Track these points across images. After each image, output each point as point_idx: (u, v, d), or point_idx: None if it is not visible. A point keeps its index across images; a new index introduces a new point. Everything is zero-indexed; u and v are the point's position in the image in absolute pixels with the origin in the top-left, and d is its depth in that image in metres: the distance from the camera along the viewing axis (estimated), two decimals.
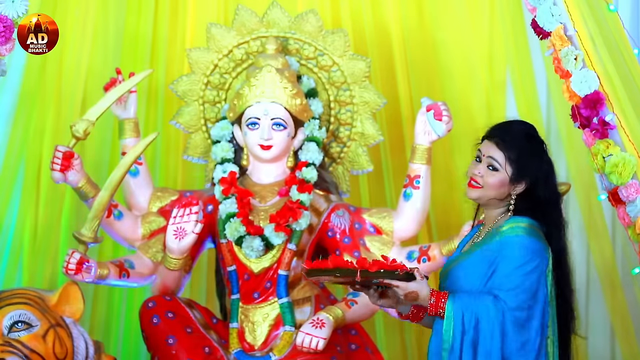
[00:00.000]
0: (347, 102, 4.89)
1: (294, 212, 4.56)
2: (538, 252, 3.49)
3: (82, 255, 4.39)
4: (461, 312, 3.43)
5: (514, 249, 3.48)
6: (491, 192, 3.60)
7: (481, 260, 3.52)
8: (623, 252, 5.12)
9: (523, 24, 5.20)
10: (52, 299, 4.35)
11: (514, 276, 3.45)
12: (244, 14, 4.89)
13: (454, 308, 3.43)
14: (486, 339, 3.42)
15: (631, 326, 5.06)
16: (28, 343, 4.20)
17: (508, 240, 3.50)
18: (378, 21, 5.30)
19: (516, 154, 3.57)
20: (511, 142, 3.59)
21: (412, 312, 3.59)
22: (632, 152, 4.14)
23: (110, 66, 5.02)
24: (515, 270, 3.45)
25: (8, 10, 4.12)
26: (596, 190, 5.01)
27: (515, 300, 3.43)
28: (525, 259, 3.46)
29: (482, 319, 3.42)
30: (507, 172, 3.58)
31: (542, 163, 3.60)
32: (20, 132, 5.14)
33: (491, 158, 3.60)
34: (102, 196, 4.38)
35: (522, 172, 3.57)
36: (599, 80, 4.16)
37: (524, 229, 3.52)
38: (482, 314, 3.42)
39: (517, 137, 3.60)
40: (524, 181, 3.58)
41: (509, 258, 3.47)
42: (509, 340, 3.43)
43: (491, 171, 3.59)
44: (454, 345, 3.43)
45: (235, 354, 4.54)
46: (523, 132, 3.63)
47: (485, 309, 3.42)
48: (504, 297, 3.43)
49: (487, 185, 3.59)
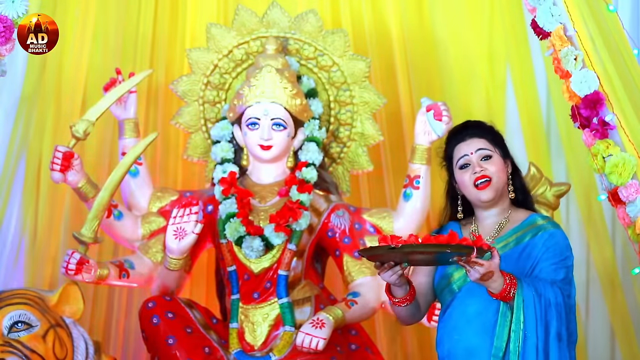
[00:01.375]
0: (347, 102, 4.89)
1: (294, 212, 4.56)
2: (571, 248, 3.62)
3: (82, 255, 4.39)
4: (533, 297, 3.46)
5: (557, 242, 3.59)
6: (500, 180, 3.68)
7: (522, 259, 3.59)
8: (623, 253, 5.12)
9: (523, 24, 5.20)
10: (52, 299, 4.35)
11: (562, 268, 3.56)
12: (244, 14, 4.89)
13: (524, 293, 3.45)
14: (557, 323, 3.48)
15: (631, 326, 5.07)
16: (28, 343, 4.21)
17: (553, 233, 3.59)
18: (378, 21, 5.30)
19: (491, 135, 3.71)
20: (482, 129, 3.73)
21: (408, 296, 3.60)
22: (632, 152, 4.14)
23: (110, 66, 5.02)
24: (561, 263, 3.56)
25: (8, 10, 4.13)
26: (596, 191, 5.02)
27: (567, 290, 3.53)
28: (567, 252, 3.58)
29: (551, 305, 3.48)
30: (498, 152, 3.69)
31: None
32: (20, 132, 5.13)
33: (480, 149, 3.68)
34: (102, 196, 4.39)
35: (504, 148, 3.72)
36: (599, 80, 4.16)
37: (554, 224, 3.64)
38: (551, 301, 3.48)
39: (481, 125, 3.75)
40: (508, 160, 3.72)
41: (555, 250, 3.57)
42: (571, 325, 3.53)
43: (487, 161, 3.67)
44: (528, 326, 3.46)
45: (235, 354, 4.54)
46: (482, 122, 3.78)
47: (553, 296, 3.48)
48: (561, 286, 3.52)
49: (493, 174, 3.66)
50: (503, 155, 3.70)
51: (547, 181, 4.54)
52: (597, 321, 5.19)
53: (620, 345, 5.10)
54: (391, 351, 5.10)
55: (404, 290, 3.58)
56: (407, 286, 3.59)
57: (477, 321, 3.56)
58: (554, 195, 4.52)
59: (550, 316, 3.47)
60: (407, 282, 3.60)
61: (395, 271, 3.50)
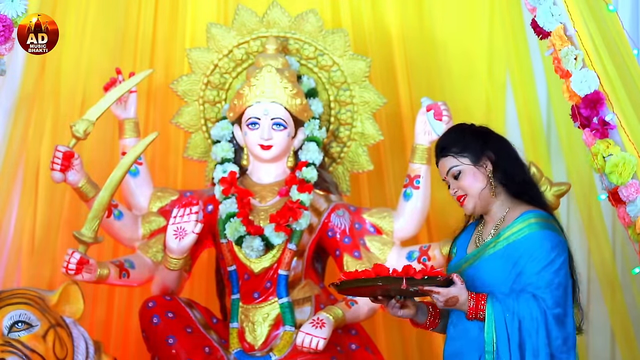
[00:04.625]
0: (347, 102, 4.89)
1: (294, 212, 4.56)
2: (561, 245, 3.51)
3: (82, 255, 4.39)
4: (502, 313, 3.42)
5: (540, 246, 3.49)
6: (475, 189, 3.59)
7: (504, 259, 3.52)
8: (622, 253, 5.12)
9: (523, 24, 5.20)
10: (53, 299, 4.35)
11: (546, 274, 3.46)
12: (244, 13, 4.89)
13: (494, 311, 3.42)
14: (532, 339, 3.42)
15: (630, 326, 5.06)
16: (28, 343, 4.20)
17: (532, 238, 3.50)
18: (378, 21, 5.30)
19: (457, 145, 3.60)
20: (447, 143, 3.63)
21: (429, 319, 3.60)
22: (632, 151, 4.14)
23: (110, 66, 5.02)
24: (545, 268, 3.46)
25: (7, 9, 4.13)
26: (595, 190, 5.02)
27: (552, 297, 3.44)
28: (552, 254, 3.47)
29: (524, 320, 3.42)
30: (467, 162, 3.59)
31: (488, 138, 3.63)
32: (19, 132, 5.13)
33: (450, 169, 3.61)
34: (102, 196, 4.38)
35: (473, 150, 3.59)
36: (599, 80, 4.16)
37: (541, 224, 3.53)
38: (524, 314, 3.42)
39: (448, 136, 3.65)
40: (484, 157, 3.59)
41: (536, 256, 3.47)
42: (553, 337, 3.44)
43: (459, 178, 3.61)
44: (499, 346, 3.42)
45: (235, 354, 4.54)
46: (451, 130, 3.70)
47: (527, 309, 3.42)
48: (542, 296, 3.43)
49: (466, 189, 3.60)
50: (474, 159, 3.60)
51: (547, 181, 4.54)
52: (597, 321, 5.18)
53: (619, 346, 5.10)
54: (391, 351, 5.10)
55: (423, 316, 3.58)
56: (425, 312, 3.59)
57: (465, 339, 3.55)
58: (554, 195, 4.52)
59: (525, 333, 3.41)
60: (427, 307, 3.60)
61: (392, 305, 3.50)
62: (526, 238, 3.50)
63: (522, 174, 3.64)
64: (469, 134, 3.64)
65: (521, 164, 3.67)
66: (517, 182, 3.61)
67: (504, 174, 3.60)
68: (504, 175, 3.60)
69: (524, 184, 3.62)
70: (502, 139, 3.69)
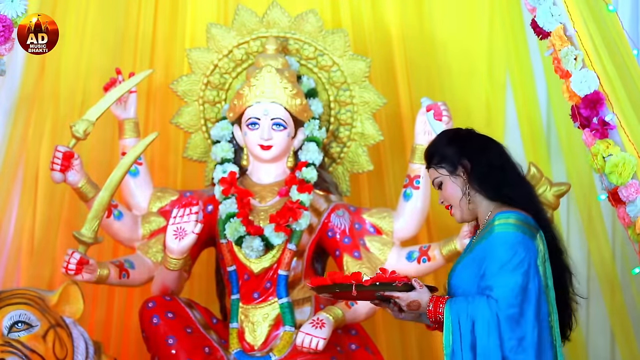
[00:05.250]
0: (347, 102, 4.89)
1: (294, 212, 4.56)
2: (522, 244, 3.45)
3: (82, 255, 4.39)
4: (457, 316, 3.43)
5: (497, 246, 3.45)
6: (456, 198, 3.57)
7: (473, 260, 3.52)
8: (622, 253, 5.12)
9: (522, 24, 5.20)
10: (53, 299, 4.35)
11: (501, 274, 3.42)
12: (244, 14, 4.89)
13: (451, 313, 3.43)
14: (483, 341, 3.41)
15: (630, 326, 5.06)
16: (28, 343, 4.20)
17: (493, 239, 3.47)
18: (378, 21, 5.30)
19: (435, 156, 3.58)
20: (428, 155, 3.61)
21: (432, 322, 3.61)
22: (632, 152, 4.14)
23: (110, 66, 5.02)
24: (501, 269, 3.43)
25: (7, 10, 4.13)
26: (595, 191, 5.02)
27: (505, 298, 3.41)
28: (509, 255, 3.43)
29: (477, 321, 3.42)
30: (445, 173, 3.57)
31: (464, 143, 3.57)
32: (19, 132, 5.13)
33: (433, 181, 3.61)
34: (102, 196, 4.38)
35: (450, 160, 3.55)
36: (599, 80, 4.16)
37: (505, 225, 3.48)
38: (477, 316, 3.42)
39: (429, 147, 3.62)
40: (459, 165, 3.55)
41: (493, 257, 3.45)
42: (505, 339, 3.42)
43: (442, 188, 3.59)
44: (454, 348, 3.43)
45: (235, 354, 4.54)
46: (433, 140, 3.65)
47: (480, 311, 3.41)
48: (495, 296, 3.41)
49: (448, 199, 3.58)
50: (451, 169, 3.57)
51: (547, 181, 4.54)
52: (597, 321, 5.19)
53: (619, 346, 5.10)
54: (391, 351, 5.10)
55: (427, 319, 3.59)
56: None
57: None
58: (554, 195, 4.52)
59: (477, 335, 3.40)
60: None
61: (391, 309, 3.51)
62: (488, 240, 3.49)
63: (500, 176, 3.55)
64: (447, 144, 3.60)
65: (501, 166, 3.57)
66: (493, 186, 3.54)
67: (478, 181, 3.55)
68: (478, 182, 3.55)
69: (502, 186, 3.54)
70: (482, 142, 3.61)
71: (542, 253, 3.49)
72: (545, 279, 3.48)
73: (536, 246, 3.47)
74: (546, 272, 3.49)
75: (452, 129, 3.73)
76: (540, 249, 3.48)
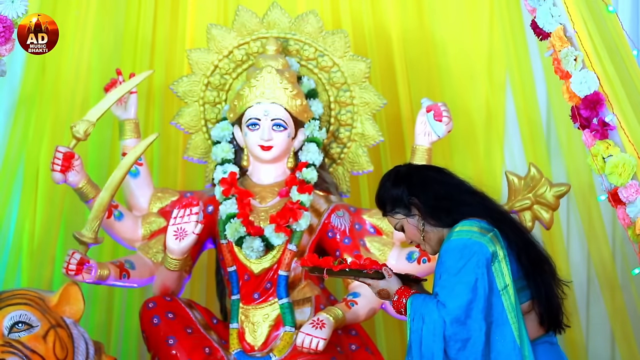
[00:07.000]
0: (347, 102, 4.90)
1: (294, 212, 4.57)
2: (468, 248, 3.49)
3: (82, 255, 4.39)
4: (413, 313, 3.52)
5: (444, 252, 3.53)
6: (420, 239, 3.65)
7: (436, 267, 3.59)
8: (622, 253, 5.13)
9: (522, 24, 5.20)
10: (53, 299, 4.34)
11: (445, 278, 3.49)
12: (244, 14, 4.90)
13: (411, 308, 3.53)
14: (428, 341, 3.47)
15: (630, 326, 5.07)
16: (28, 343, 4.20)
17: (443, 247, 3.56)
18: (378, 21, 5.30)
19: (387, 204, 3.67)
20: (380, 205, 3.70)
21: None
22: (632, 152, 4.14)
23: (110, 67, 5.02)
24: (445, 273, 3.50)
25: (8, 10, 4.13)
26: (595, 191, 5.02)
27: (450, 301, 3.46)
28: (453, 259, 3.49)
29: (426, 322, 3.48)
30: (400, 217, 3.66)
31: (407, 182, 3.64)
32: (19, 132, 5.13)
33: (394, 226, 3.69)
34: (102, 197, 4.38)
35: (400, 203, 3.63)
36: (599, 81, 4.16)
37: (453, 233, 3.54)
38: (426, 317, 3.49)
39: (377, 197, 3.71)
40: (411, 205, 3.63)
41: (441, 262, 3.53)
42: (451, 341, 3.46)
43: (406, 233, 3.67)
44: (411, 343, 3.51)
45: (235, 355, 4.54)
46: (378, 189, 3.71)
47: (429, 312, 3.48)
48: (442, 300, 3.47)
49: (414, 239, 3.68)
50: (405, 212, 3.64)
51: (547, 182, 4.55)
52: (597, 321, 5.20)
53: (619, 345, 5.11)
54: (391, 351, 5.11)
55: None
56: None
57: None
58: (554, 196, 4.53)
59: (424, 335, 3.47)
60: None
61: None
62: (442, 247, 3.55)
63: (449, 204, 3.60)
64: (392, 187, 3.66)
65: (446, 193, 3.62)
66: (446, 216, 3.60)
67: (430, 216, 3.61)
68: (431, 216, 3.62)
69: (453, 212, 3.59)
70: (422, 177, 3.67)
71: (498, 252, 3.51)
72: (503, 277, 3.50)
73: (486, 247, 3.49)
74: (505, 270, 3.51)
75: (391, 170, 3.75)
76: (493, 249, 3.50)
